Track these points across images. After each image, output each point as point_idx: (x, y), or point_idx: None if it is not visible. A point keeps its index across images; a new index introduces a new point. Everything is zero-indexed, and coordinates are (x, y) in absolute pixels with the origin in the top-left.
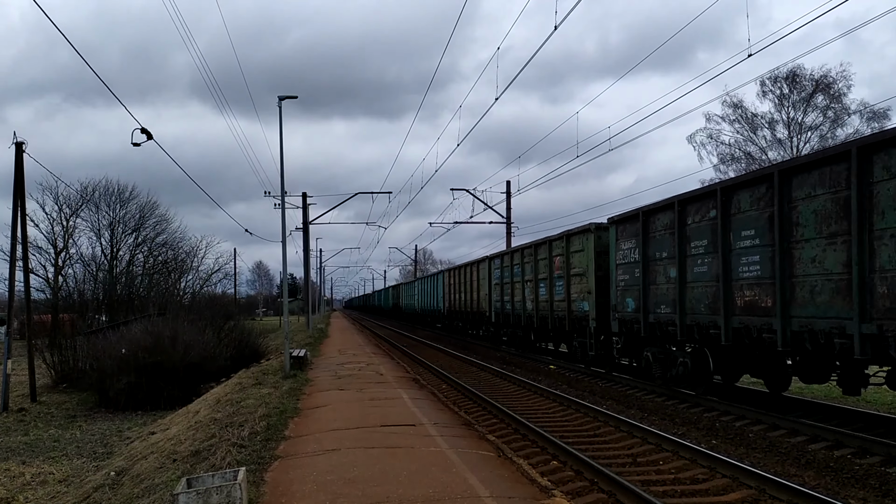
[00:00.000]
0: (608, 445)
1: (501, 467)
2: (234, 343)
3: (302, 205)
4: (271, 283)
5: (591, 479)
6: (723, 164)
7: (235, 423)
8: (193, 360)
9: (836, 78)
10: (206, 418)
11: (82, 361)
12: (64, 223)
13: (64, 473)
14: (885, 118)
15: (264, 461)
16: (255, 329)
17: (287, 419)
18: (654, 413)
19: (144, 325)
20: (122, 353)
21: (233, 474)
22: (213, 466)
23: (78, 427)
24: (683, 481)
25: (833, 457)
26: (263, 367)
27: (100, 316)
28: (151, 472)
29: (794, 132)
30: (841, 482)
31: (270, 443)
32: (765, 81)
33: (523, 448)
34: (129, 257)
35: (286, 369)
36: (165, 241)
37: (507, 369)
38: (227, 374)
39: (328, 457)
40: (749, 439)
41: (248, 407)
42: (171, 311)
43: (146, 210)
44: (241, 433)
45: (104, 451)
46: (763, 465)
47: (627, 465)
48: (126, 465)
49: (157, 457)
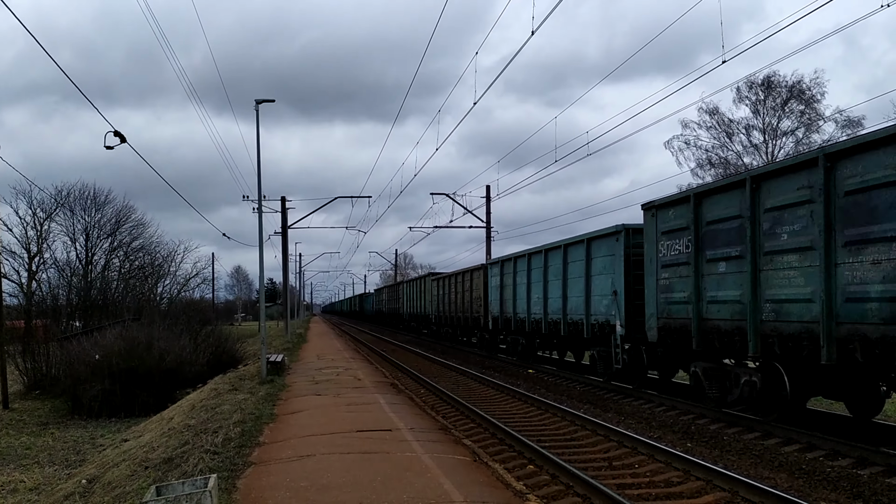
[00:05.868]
0: (584, 449)
1: (477, 472)
2: (211, 348)
3: (281, 209)
4: (250, 287)
5: (566, 482)
6: (700, 168)
7: (210, 429)
8: (169, 366)
9: (809, 85)
10: (180, 425)
11: (55, 368)
12: (38, 227)
13: (35, 482)
14: (860, 125)
15: (237, 468)
16: (232, 334)
17: (262, 425)
18: (630, 416)
19: (119, 330)
20: (95, 360)
21: (203, 481)
22: (185, 474)
23: (50, 434)
24: (658, 484)
25: (806, 459)
26: (240, 373)
27: (74, 322)
28: (123, 480)
29: (770, 137)
30: (813, 484)
31: (244, 449)
32: (740, 87)
33: (500, 452)
34: (104, 262)
35: (263, 374)
36: (142, 246)
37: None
38: (204, 380)
39: (302, 463)
40: (724, 442)
41: (223, 413)
42: (146, 317)
43: (122, 214)
44: (215, 440)
45: (77, 459)
46: (737, 468)
47: (603, 468)
48: (98, 472)
49: (129, 464)
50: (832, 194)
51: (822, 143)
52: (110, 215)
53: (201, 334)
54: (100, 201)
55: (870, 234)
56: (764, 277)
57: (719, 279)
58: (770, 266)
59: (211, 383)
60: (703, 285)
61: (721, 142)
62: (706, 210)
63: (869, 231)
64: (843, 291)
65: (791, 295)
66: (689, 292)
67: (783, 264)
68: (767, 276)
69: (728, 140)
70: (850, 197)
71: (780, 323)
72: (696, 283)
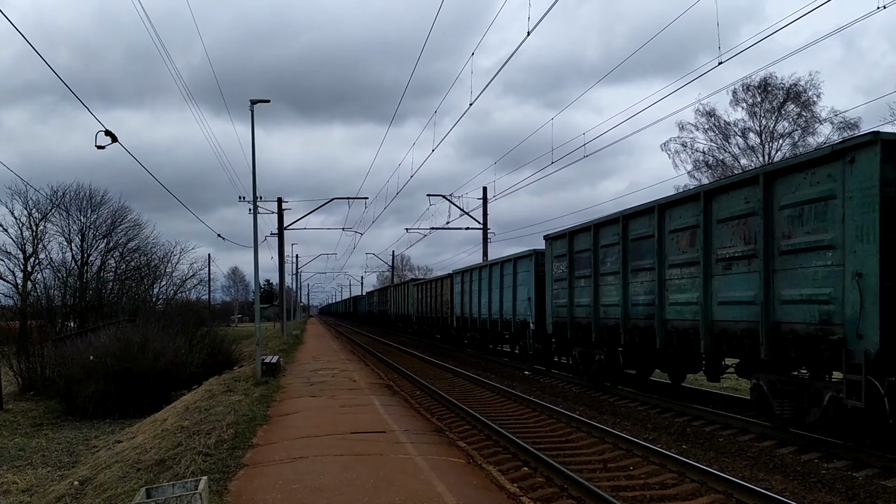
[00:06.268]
0: (579, 451)
1: (470, 474)
2: (207, 350)
3: (277, 210)
4: (247, 289)
5: (561, 484)
6: (697, 171)
7: (203, 430)
8: (164, 367)
9: (805, 87)
10: (174, 426)
11: (50, 369)
12: (33, 228)
13: (28, 483)
14: (856, 128)
15: (229, 470)
16: (228, 335)
17: (256, 427)
18: (626, 418)
19: (113, 331)
20: (90, 360)
21: (194, 484)
22: (177, 476)
23: (44, 435)
24: (653, 486)
25: (801, 461)
26: (235, 374)
27: (69, 322)
28: (115, 482)
29: (766, 140)
30: (808, 486)
31: (237, 451)
32: (737, 90)
33: (494, 454)
34: (100, 263)
35: (257, 376)
36: (138, 247)
37: (482, 375)
38: (199, 382)
39: (295, 465)
40: (719, 444)
41: (216, 414)
42: (141, 317)
43: (118, 215)
44: (208, 441)
45: (70, 460)
46: (732, 470)
47: (598, 470)
48: (90, 474)
49: (122, 466)
50: (627, 240)
51: (818, 146)
52: (106, 216)
53: (197, 335)
54: (95, 202)
55: (639, 266)
56: (601, 291)
57: (581, 290)
58: (603, 283)
59: (205, 384)
60: (573, 294)
61: (718, 144)
62: (576, 243)
63: (638, 264)
64: (631, 299)
65: (613, 301)
66: (566, 299)
67: (608, 281)
68: (602, 290)
69: (725, 142)
70: (632, 243)
71: (609, 319)
72: (569, 293)
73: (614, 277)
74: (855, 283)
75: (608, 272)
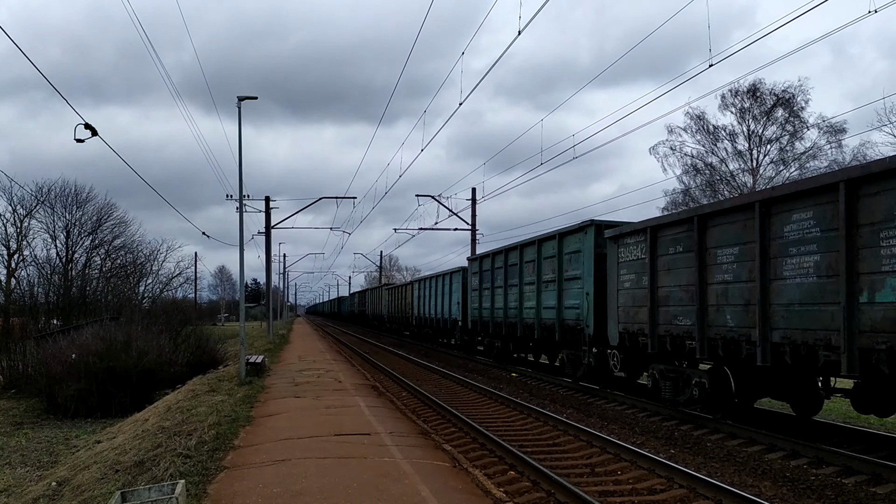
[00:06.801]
0: (567, 455)
1: (456, 478)
2: (192, 349)
3: (265, 209)
4: (234, 288)
5: (547, 489)
6: (686, 175)
7: (184, 431)
8: (147, 366)
9: (794, 93)
10: (154, 426)
11: (32, 367)
12: (18, 224)
13: (5, 483)
14: (843, 132)
15: (209, 472)
16: (213, 335)
17: (238, 428)
18: (613, 421)
19: (96, 329)
20: (72, 359)
21: (171, 487)
22: (155, 478)
23: (24, 434)
24: (641, 492)
25: (790, 467)
26: (220, 374)
27: (53, 320)
28: (92, 483)
29: (755, 144)
30: (797, 492)
31: (218, 453)
32: (725, 95)
33: (480, 458)
34: (85, 260)
35: (242, 376)
36: (124, 245)
37: (468, 376)
38: (183, 381)
39: (276, 468)
40: (707, 448)
41: (198, 415)
42: (125, 315)
43: (103, 212)
44: (189, 443)
45: (49, 460)
46: (720, 475)
47: (585, 475)
48: (68, 474)
49: (100, 467)
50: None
51: (804, 151)
52: (91, 213)
53: (181, 334)
54: (81, 199)
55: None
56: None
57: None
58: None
59: (189, 384)
60: (482, 300)
61: (707, 148)
62: (483, 265)
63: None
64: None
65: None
66: (478, 304)
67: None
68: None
69: (713, 146)
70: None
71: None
72: (479, 299)
73: (500, 290)
74: (587, 298)
75: (498, 286)
